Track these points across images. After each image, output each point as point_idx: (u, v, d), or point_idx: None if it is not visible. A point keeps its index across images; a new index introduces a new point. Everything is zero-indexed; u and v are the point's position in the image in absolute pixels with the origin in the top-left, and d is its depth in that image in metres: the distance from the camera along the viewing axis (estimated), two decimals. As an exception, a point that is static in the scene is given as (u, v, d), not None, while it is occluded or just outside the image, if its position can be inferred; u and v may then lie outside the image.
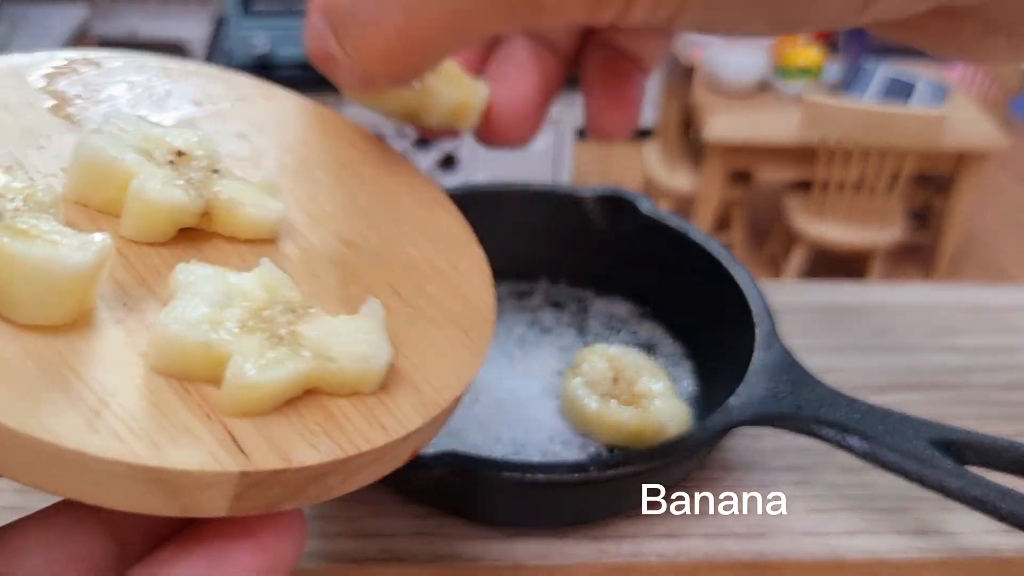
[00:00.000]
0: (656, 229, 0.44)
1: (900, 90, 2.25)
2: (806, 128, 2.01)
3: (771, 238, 2.45)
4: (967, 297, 0.49)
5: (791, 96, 2.21)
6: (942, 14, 0.18)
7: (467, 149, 2.18)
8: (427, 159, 2.13)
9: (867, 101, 2.14)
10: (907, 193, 2.18)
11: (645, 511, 0.36)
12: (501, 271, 0.46)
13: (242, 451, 0.16)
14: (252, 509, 0.16)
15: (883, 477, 0.36)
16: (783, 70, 2.24)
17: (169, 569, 0.16)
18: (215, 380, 0.17)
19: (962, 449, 0.32)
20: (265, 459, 0.16)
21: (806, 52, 2.22)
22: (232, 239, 0.20)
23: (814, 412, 0.33)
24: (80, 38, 2.04)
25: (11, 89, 0.21)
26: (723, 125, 2.12)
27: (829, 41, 2.40)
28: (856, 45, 2.24)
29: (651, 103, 2.96)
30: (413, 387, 0.19)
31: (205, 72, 0.26)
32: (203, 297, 0.17)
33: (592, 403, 0.37)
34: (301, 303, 0.18)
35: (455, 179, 2.20)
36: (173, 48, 2.41)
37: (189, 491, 0.16)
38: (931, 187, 2.36)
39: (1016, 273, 2.58)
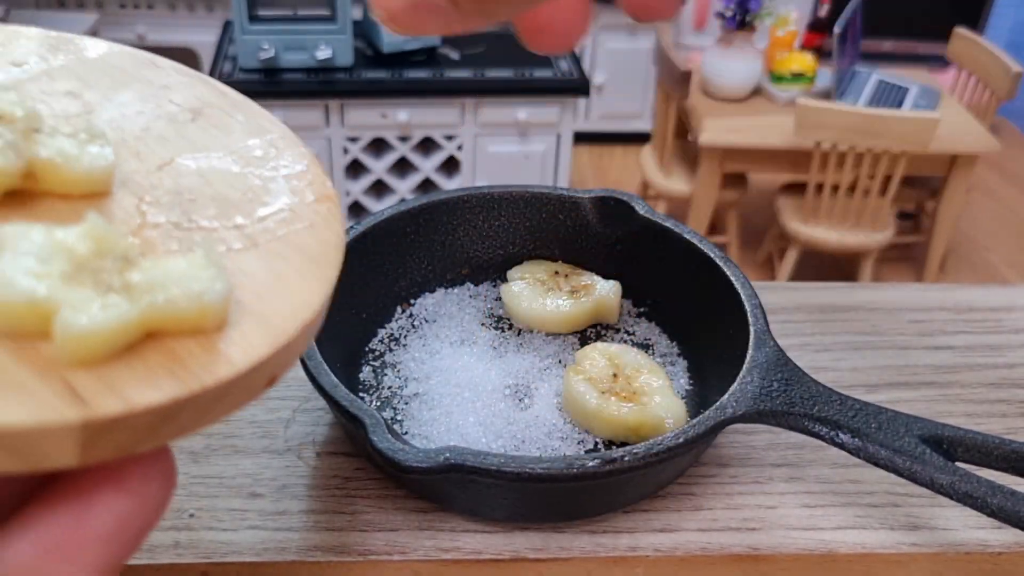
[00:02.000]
0: (652, 231, 0.45)
1: (892, 95, 2.27)
2: (800, 132, 2.02)
3: (765, 240, 2.46)
4: (957, 297, 0.50)
5: (785, 101, 2.22)
6: None
7: (467, 153, 2.19)
8: (428, 163, 2.14)
9: (860, 106, 2.15)
10: (899, 195, 2.19)
11: (642, 505, 0.36)
12: (501, 271, 0.47)
13: (81, 399, 0.16)
14: (104, 455, 0.16)
15: (874, 473, 0.37)
16: (777, 76, 2.25)
17: (36, 523, 0.16)
18: (47, 335, 0.16)
19: (952, 446, 0.33)
20: (105, 405, 0.16)
21: (800, 58, 2.23)
22: (66, 196, 0.20)
23: (807, 409, 0.34)
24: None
25: None
26: (718, 129, 2.14)
27: (822, 48, 2.41)
28: (849, 51, 2.26)
29: (647, 108, 2.97)
30: (260, 318, 0.18)
31: (32, 34, 0.25)
32: (24, 253, 0.17)
33: (592, 399, 0.38)
34: (132, 250, 0.18)
35: (456, 182, 2.20)
36: (180, 54, 2.41)
37: (31, 447, 0.15)
38: (923, 189, 2.37)
39: (1006, 273, 2.59)
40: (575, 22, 0.23)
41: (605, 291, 0.44)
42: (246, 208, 0.21)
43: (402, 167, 2.18)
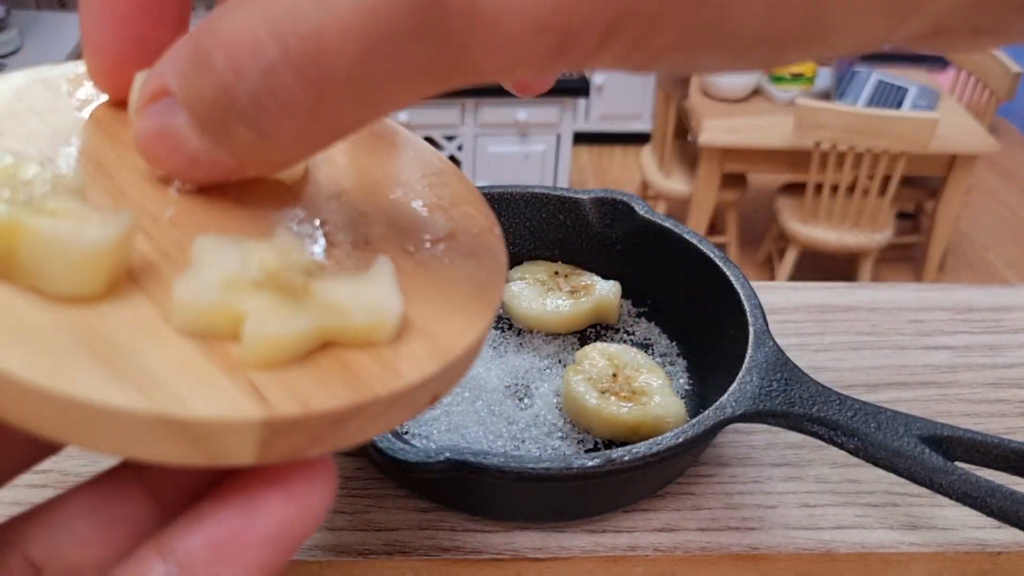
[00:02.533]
0: (652, 231, 0.45)
1: (892, 95, 2.27)
2: (799, 132, 2.02)
3: (765, 240, 2.46)
4: (956, 297, 0.50)
5: (784, 101, 2.22)
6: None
7: (467, 153, 2.19)
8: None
9: (859, 106, 2.15)
10: (898, 195, 2.19)
11: (641, 505, 0.36)
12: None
13: (264, 399, 0.17)
14: (278, 456, 0.17)
15: (873, 472, 0.37)
16: (776, 76, 2.26)
17: (207, 521, 0.17)
18: (236, 337, 0.18)
19: (951, 445, 0.33)
20: (286, 405, 0.17)
21: (799, 56, 2.24)
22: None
23: (806, 409, 0.34)
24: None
25: (40, 96, 0.22)
26: (718, 129, 2.14)
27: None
28: (849, 49, 2.26)
29: (647, 109, 2.97)
30: (427, 337, 0.20)
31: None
32: (219, 263, 0.18)
33: (592, 399, 0.38)
34: (314, 264, 0.20)
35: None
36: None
37: (214, 440, 0.16)
38: (922, 190, 2.37)
39: (1005, 273, 2.60)
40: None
41: (605, 291, 0.44)
42: (416, 236, 0.23)
43: (402, 167, 2.18)
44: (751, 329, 0.38)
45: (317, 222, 0.22)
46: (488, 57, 0.14)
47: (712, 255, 0.42)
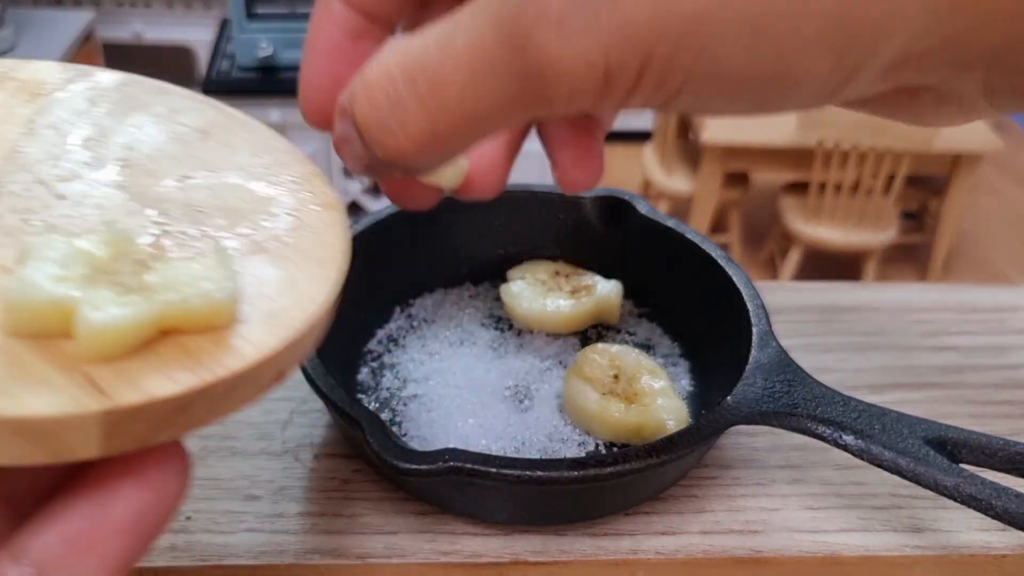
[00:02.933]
0: (654, 230, 0.44)
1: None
2: (802, 130, 2.02)
3: (768, 239, 2.45)
4: (961, 297, 0.49)
5: (787, 99, 2.22)
6: (901, 90, 0.20)
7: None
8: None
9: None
10: (902, 195, 2.19)
11: (643, 508, 0.36)
12: (501, 271, 0.46)
13: (102, 391, 0.17)
14: (125, 446, 0.17)
15: (878, 475, 0.36)
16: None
17: (59, 517, 0.17)
18: (69, 334, 0.18)
19: (956, 447, 0.33)
20: (125, 395, 0.17)
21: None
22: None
23: (810, 411, 0.34)
24: (85, 42, 2.04)
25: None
26: (720, 128, 2.13)
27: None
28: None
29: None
30: (268, 316, 0.20)
31: (51, 73, 0.27)
32: (47, 260, 0.18)
33: (593, 401, 0.37)
34: (146, 254, 0.20)
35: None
36: (178, 52, 2.41)
37: (55, 437, 0.16)
38: (926, 189, 2.37)
39: (1010, 273, 2.59)
40: (496, 176, 0.27)
41: (606, 291, 0.44)
42: (254, 218, 0.23)
43: (404, 167, 2.18)
44: (754, 330, 0.37)
45: (149, 212, 0.22)
46: (556, 89, 0.18)
47: (715, 255, 0.42)
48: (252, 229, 0.23)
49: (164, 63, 2.45)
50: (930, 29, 0.17)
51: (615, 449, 0.37)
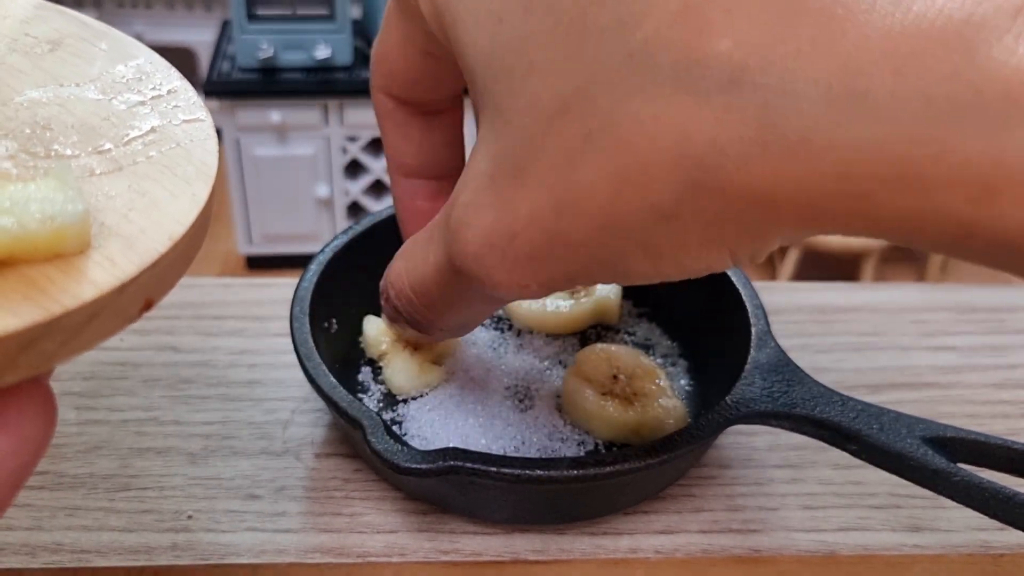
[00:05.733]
0: (653, 230, 0.44)
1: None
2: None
3: (765, 240, 2.45)
4: (959, 297, 0.50)
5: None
6: None
7: (467, 153, 2.19)
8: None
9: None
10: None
11: (642, 507, 0.36)
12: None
13: None
14: None
15: (876, 474, 0.36)
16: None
17: None
18: None
19: (955, 447, 0.33)
20: None
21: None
22: None
23: (808, 411, 0.34)
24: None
25: None
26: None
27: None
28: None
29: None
30: (126, 239, 0.18)
31: None
32: None
33: (592, 400, 0.38)
34: None
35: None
36: (179, 53, 2.41)
37: None
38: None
39: (1008, 274, 2.59)
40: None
41: (605, 291, 0.44)
42: (111, 133, 0.21)
43: (402, 167, 2.18)
44: (753, 330, 0.37)
45: None
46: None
47: (713, 255, 0.42)
48: (109, 146, 0.21)
49: (164, 64, 2.46)
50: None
51: (614, 449, 0.38)
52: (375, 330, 0.41)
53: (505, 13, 0.20)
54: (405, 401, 0.40)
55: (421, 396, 0.40)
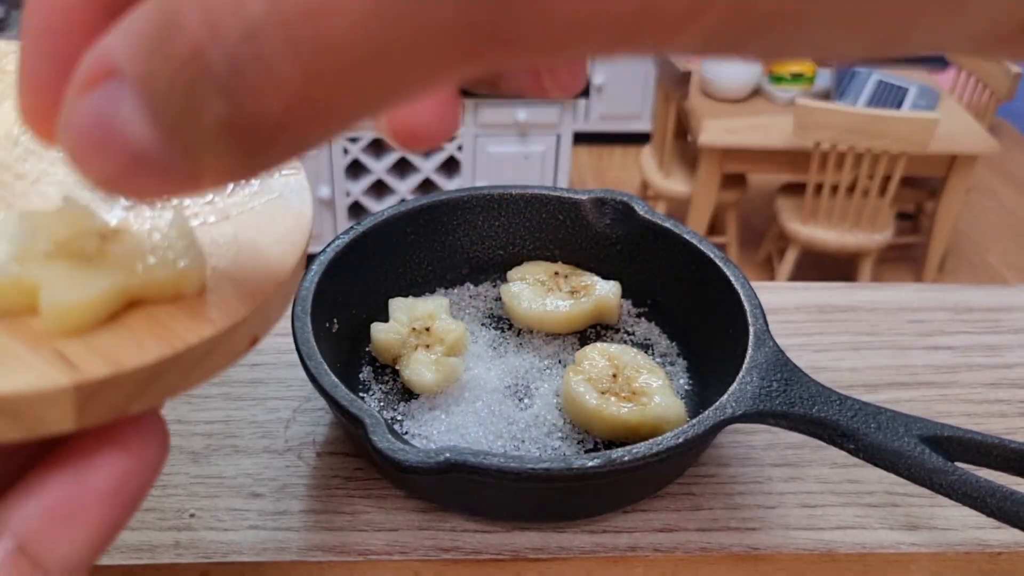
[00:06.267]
0: (652, 231, 0.45)
1: (892, 96, 2.27)
2: (799, 132, 2.02)
3: (765, 240, 2.46)
4: (956, 298, 0.50)
5: (784, 101, 2.22)
6: None
7: (467, 153, 2.19)
8: (428, 164, 2.14)
9: (859, 107, 2.15)
10: (898, 196, 2.19)
11: (641, 505, 0.36)
12: (501, 271, 0.47)
13: (72, 365, 0.17)
14: (99, 417, 0.17)
15: (873, 473, 0.37)
16: (776, 76, 2.26)
17: (39, 488, 0.17)
18: (35, 310, 0.18)
19: (951, 446, 0.33)
20: (95, 368, 0.17)
21: (799, 57, 2.23)
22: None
23: (806, 409, 0.34)
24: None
25: None
26: (718, 129, 2.14)
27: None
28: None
29: (647, 109, 2.97)
30: (236, 282, 0.20)
31: None
32: (7, 239, 0.18)
33: (591, 399, 0.38)
34: (107, 227, 0.20)
35: (456, 183, 2.21)
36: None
37: (29, 412, 0.16)
38: (922, 190, 2.37)
39: (1005, 274, 2.60)
40: (443, 118, 0.19)
41: (605, 291, 0.44)
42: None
43: (402, 167, 2.18)
44: (751, 329, 0.38)
45: None
46: (541, 23, 0.11)
47: (712, 255, 0.42)
48: (215, 197, 0.22)
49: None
50: None
51: (614, 447, 0.38)
52: (384, 335, 0.41)
53: None
54: (406, 400, 0.40)
55: (429, 395, 0.40)
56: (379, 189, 2.19)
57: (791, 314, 0.48)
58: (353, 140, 2.06)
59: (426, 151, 0.23)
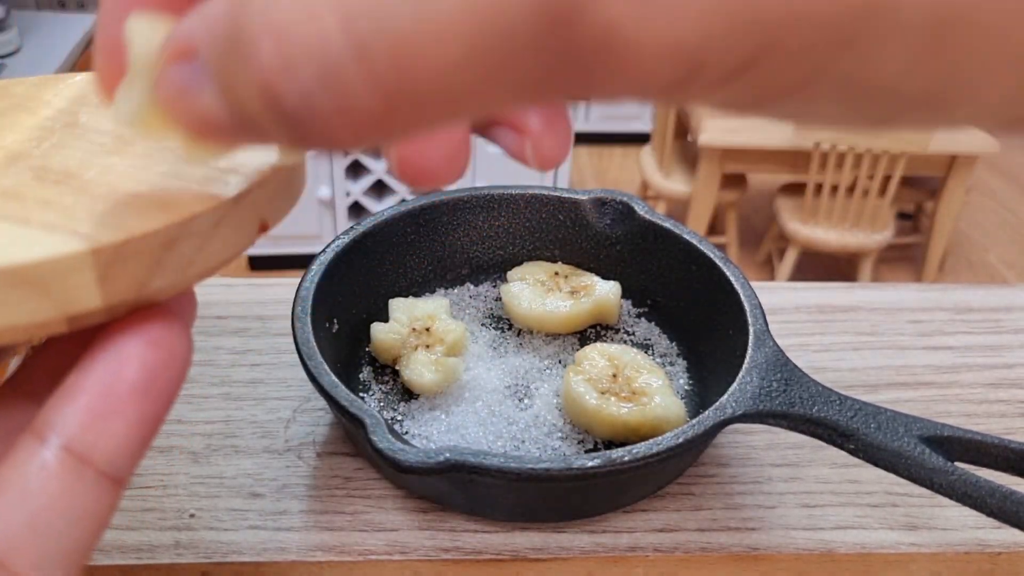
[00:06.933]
0: (652, 231, 0.45)
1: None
2: (799, 132, 2.02)
3: (765, 240, 2.46)
4: (956, 298, 0.50)
5: (784, 100, 2.22)
6: None
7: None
8: (422, 161, 2.14)
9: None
10: (898, 196, 2.19)
11: (641, 505, 0.36)
12: (501, 271, 0.47)
13: (85, 235, 0.18)
14: (124, 293, 0.18)
15: (873, 473, 0.37)
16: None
17: (75, 389, 0.18)
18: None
19: (951, 446, 0.33)
20: (109, 235, 0.18)
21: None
22: None
23: (806, 410, 0.34)
24: (89, 45, 2.04)
25: None
26: (718, 129, 2.14)
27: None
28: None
29: (647, 109, 2.97)
30: (237, 171, 0.21)
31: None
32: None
33: (591, 399, 0.38)
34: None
35: (456, 184, 2.20)
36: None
37: (54, 284, 0.18)
38: (922, 190, 2.37)
39: (1005, 274, 2.60)
40: (453, 159, 0.20)
41: (605, 291, 0.44)
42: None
43: (402, 167, 2.18)
44: (751, 329, 0.38)
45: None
46: (609, 80, 0.13)
47: (712, 255, 0.42)
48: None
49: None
50: None
51: (614, 447, 0.38)
52: (384, 336, 0.41)
53: None
54: (406, 400, 0.40)
55: (429, 395, 0.40)
56: (379, 189, 2.19)
57: (791, 314, 0.48)
58: (353, 140, 2.06)
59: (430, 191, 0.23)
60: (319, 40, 0.13)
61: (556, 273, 0.46)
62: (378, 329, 0.42)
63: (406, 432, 0.38)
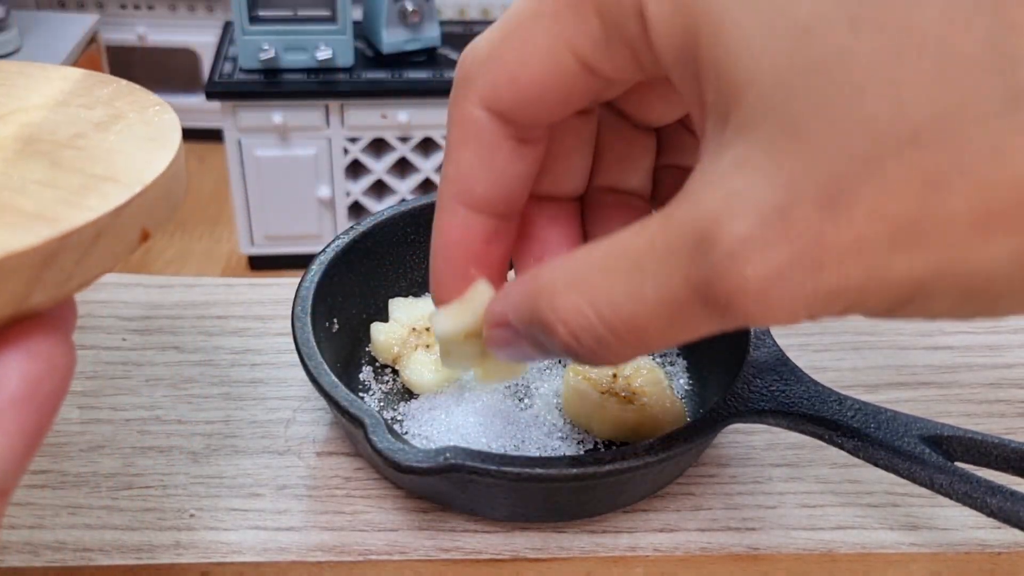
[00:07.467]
0: (652, 231, 0.45)
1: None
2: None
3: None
4: (957, 298, 0.50)
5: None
6: None
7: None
8: (428, 164, 2.14)
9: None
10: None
11: (641, 505, 0.36)
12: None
13: None
14: (1, 309, 0.18)
15: (873, 473, 0.37)
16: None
17: None
18: None
19: (951, 446, 0.33)
20: None
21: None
22: None
23: (806, 409, 0.34)
24: (89, 45, 2.04)
25: None
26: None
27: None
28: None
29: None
30: (112, 181, 0.22)
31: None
32: None
33: (591, 399, 0.38)
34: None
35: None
36: (182, 54, 2.41)
37: None
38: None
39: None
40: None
41: None
42: (80, 127, 0.24)
43: (402, 167, 2.18)
44: (751, 329, 0.38)
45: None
46: (748, 317, 0.19)
47: (712, 255, 0.42)
48: (80, 137, 0.24)
49: (168, 66, 2.45)
50: None
51: (614, 447, 0.38)
52: (384, 336, 0.41)
53: (816, 25, 0.17)
54: (406, 400, 0.40)
55: (429, 395, 0.40)
56: (379, 189, 2.19)
57: (791, 314, 0.48)
58: (353, 141, 2.06)
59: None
60: (588, 324, 0.22)
61: None
62: (378, 329, 0.42)
63: (406, 432, 0.38)
